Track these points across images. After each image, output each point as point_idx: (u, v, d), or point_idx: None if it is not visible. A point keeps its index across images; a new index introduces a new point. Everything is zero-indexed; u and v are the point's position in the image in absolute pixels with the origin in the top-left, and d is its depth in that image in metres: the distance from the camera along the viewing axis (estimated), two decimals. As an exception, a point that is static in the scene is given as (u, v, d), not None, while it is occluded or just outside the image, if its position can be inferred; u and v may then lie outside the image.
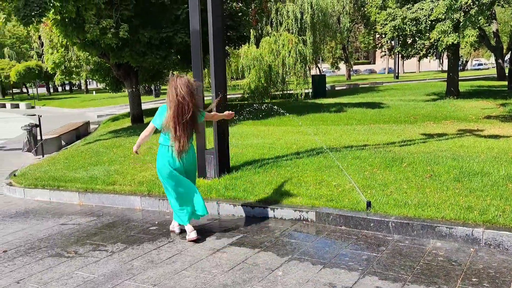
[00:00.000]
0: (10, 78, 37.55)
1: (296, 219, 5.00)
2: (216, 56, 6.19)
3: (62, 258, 4.43)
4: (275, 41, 21.07)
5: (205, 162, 6.38)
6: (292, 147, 8.09)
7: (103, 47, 12.46)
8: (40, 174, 8.12)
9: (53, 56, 16.31)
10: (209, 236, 4.73)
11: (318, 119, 12.94)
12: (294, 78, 22.00)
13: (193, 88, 4.43)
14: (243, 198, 5.50)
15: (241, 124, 12.48)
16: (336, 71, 68.96)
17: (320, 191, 5.41)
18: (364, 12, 45.76)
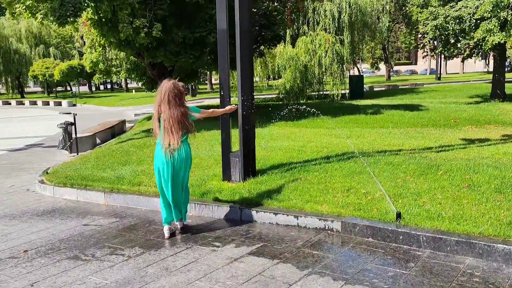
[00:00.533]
0: (54, 76, 38.85)
1: (321, 229, 4.74)
2: (243, 57, 6.00)
3: (79, 261, 4.36)
4: (311, 41, 20.72)
5: (230, 165, 6.20)
6: (322, 150, 7.81)
7: (138, 47, 12.56)
8: (70, 172, 8.19)
9: (91, 55, 16.63)
10: (229, 244, 4.54)
11: (353, 121, 12.55)
12: (330, 78, 21.59)
13: (180, 90, 4.74)
14: (267, 204, 5.28)
15: (272, 125, 12.28)
16: (376, 72, 67.59)
17: (347, 199, 5.12)
18: (405, 11, 44.57)
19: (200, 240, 4.71)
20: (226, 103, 6.13)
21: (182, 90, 4.80)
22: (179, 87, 4.77)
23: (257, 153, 7.74)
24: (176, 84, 4.79)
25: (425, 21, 17.19)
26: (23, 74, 45.75)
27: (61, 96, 45.67)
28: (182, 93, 4.78)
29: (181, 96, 4.75)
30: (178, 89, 4.75)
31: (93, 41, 16.96)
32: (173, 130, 4.67)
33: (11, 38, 44.02)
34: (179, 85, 4.81)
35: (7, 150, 13.31)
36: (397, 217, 4.43)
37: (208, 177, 6.52)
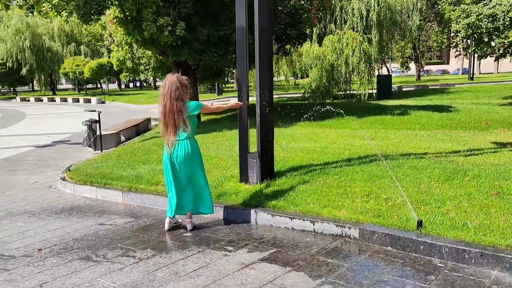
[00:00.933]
0: (84, 74, 39.64)
1: (337, 235, 4.55)
2: (262, 55, 5.85)
3: (90, 262, 4.31)
4: (338, 40, 20.37)
5: (248, 166, 6.07)
6: (344, 152, 7.59)
7: (162, 45, 12.57)
8: (91, 170, 8.23)
9: (118, 53, 16.80)
10: (241, 249, 4.41)
11: (379, 122, 12.23)
12: (357, 78, 21.19)
13: (180, 84, 4.70)
14: (283, 207, 5.13)
15: (296, 125, 12.09)
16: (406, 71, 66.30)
17: (367, 205, 4.91)
18: (437, 9, 43.45)
19: (212, 244, 4.60)
20: (245, 103, 6.00)
21: (185, 84, 4.76)
22: (182, 81, 4.74)
23: (277, 153, 7.60)
24: (180, 78, 4.76)
25: (457, 19, 16.62)
26: (55, 71, 46.89)
27: (90, 94, 46.59)
28: (186, 87, 4.75)
29: (184, 91, 4.72)
30: (181, 82, 4.72)
31: (120, 39, 17.15)
32: (170, 125, 4.71)
33: (44, 36, 45.18)
34: (183, 78, 4.78)
35: (34, 146, 13.56)
36: (418, 225, 4.21)
37: (226, 178, 6.41)
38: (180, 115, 4.69)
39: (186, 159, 4.83)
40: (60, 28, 45.92)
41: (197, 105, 4.88)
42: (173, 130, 4.72)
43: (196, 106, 4.87)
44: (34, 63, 44.50)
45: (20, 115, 26.02)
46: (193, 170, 4.89)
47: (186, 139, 4.80)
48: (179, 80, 4.74)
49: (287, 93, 31.36)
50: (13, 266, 4.32)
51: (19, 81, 48.29)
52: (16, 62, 43.64)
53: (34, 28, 44.30)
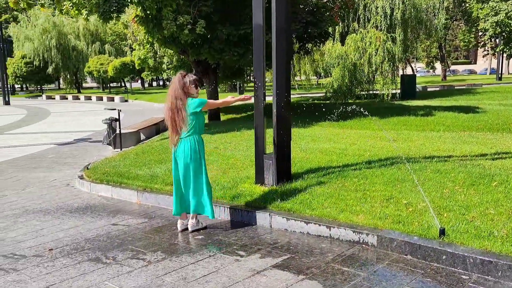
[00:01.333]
0: (108, 73, 40.13)
1: (355, 242, 4.35)
2: (279, 53, 5.69)
3: (99, 264, 4.23)
4: (361, 39, 20.01)
5: (263, 167, 5.91)
6: (364, 154, 7.36)
7: (183, 44, 12.52)
8: (108, 168, 8.20)
9: (139, 52, 16.85)
10: (254, 254, 4.26)
11: (402, 123, 11.90)
12: (380, 77, 20.78)
13: (182, 82, 4.71)
14: (298, 211, 4.95)
15: (316, 125, 11.87)
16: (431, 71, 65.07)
17: (386, 210, 4.69)
18: (465, 8, 42.42)
19: (224, 248, 4.45)
20: (261, 102, 5.84)
21: (184, 82, 4.72)
22: (185, 79, 4.73)
23: (296, 154, 7.42)
24: (183, 76, 4.78)
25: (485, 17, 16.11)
26: (80, 70, 47.62)
27: (114, 92, 47.17)
28: (191, 85, 4.73)
29: (186, 89, 4.71)
30: (184, 81, 4.74)
31: (142, 38, 17.20)
32: (172, 124, 4.76)
33: (70, 36, 45.92)
34: (188, 77, 4.77)
35: (55, 144, 13.69)
36: (440, 233, 3.98)
37: (241, 179, 6.27)
38: (180, 114, 4.69)
39: (186, 157, 4.82)
40: (85, 27, 46.61)
41: (200, 102, 4.79)
42: (175, 129, 4.76)
43: (199, 103, 4.79)
44: (60, 62, 45.27)
45: (45, 113, 26.45)
46: (192, 169, 4.84)
47: (187, 137, 4.80)
48: (183, 78, 4.75)
49: (308, 92, 31.06)
50: (22, 266, 4.27)
51: (45, 79, 49.19)
52: (42, 60, 44.46)
53: (60, 28, 45.07)
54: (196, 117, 4.80)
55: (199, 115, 4.83)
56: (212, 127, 12.52)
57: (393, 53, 19.97)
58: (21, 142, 14.34)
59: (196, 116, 4.80)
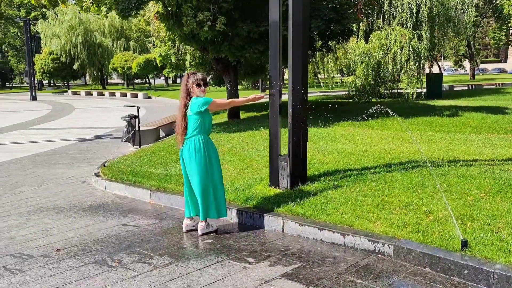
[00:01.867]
0: (132, 69, 40.52)
1: (370, 251, 4.12)
2: (295, 51, 5.47)
3: (104, 267, 4.12)
4: (386, 36, 19.51)
5: (278, 169, 5.72)
6: (385, 156, 7.08)
7: (203, 41, 12.41)
8: (124, 166, 8.15)
9: (160, 49, 16.85)
10: (263, 261, 4.07)
11: (426, 123, 11.51)
12: (405, 76, 20.25)
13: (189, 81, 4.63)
14: (312, 216, 4.74)
15: (337, 125, 11.58)
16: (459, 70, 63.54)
17: (405, 217, 4.44)
18: (496, 5, 41.13)
19: (233, 253, 4.28)
20: (276, 101, 5.65)
21: (187, 81, 4.64)
22: (192, 78, 4.65)
23: (314, 156, 7.20)
24: (185, 77, 4.73)
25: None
26: (105, 66, 48.29)
27: (138, 89, 47.64)
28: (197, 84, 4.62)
29: (192, 88, 4.63)
30: (183, 81, 4.69)
31: (164, 35, 17.18)
32: (178, 124, 4.71)
33: (96, 32, 46.59)
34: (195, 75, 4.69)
35: (76, 140, 13.80)
36: (462, 245, 3.71)
37: (255, 181, 6.09)
38: (183, 113, 4.64)
39: (190, 157, 4.69)
40: (110, 24, 47.20)
41: (204, 102, 4.60)
42: (180, 128, 4.69)
43: (204, 102, 4.60)
44: (85, 58, 46.01)
45: (69, 109, 26.85)
46: (196, 170, 4.70)
47: (192, 137, 4.67)
48: (190, 77, 4.67)
49: (331, 91, 30.64)
50: (28, 267, 4.20)
51: (72, 75, 50.08)
52: (69, 57, 45.26)
53: (87, 24, 45.77)
54: (201, 116, 4.63)
55: (204, 115, 4.67)
56: (231, 126, 12.38)
57: (419, 51, 19.40)
58: (43, 137, 14.51)
59: (201, 116, 4.64)
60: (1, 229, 5.43)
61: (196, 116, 4.61)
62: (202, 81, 4.68)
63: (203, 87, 4.67)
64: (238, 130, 10.98)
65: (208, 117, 4.73)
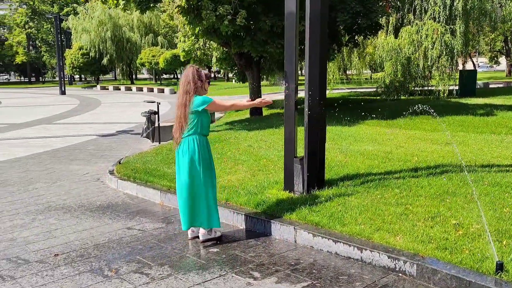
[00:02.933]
0: (159, 64, 40.65)
1: (390, 269, 3.68)
2: (312, 46, 5.04)
3: (99, 277, 3.83)
4: (417, 31, 18.70)
5: (293, 172, 5.31)
6: (411, 159, 6.57)
7: (225, 35, 12.06)
8: (138, 164, 7.90)
9: (184, 44, 16.60)
10: (270, 276, 3.69)
11: (457, 123, 10.85)
12: (436, 73, 19.39)
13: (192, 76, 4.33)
14: (327, 226, 4.33)
15: (362, 123, 11.05)
16: (495, 66, 61.31)
17: (430, 231, 3.97)
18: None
19: (238, 266, 3.92)
20: (292, 98, 5.24)
21: (199, 77, 4.35)
22: (196, 74, 4.35)
23: (334, 157, 6.77)
24: (194, 70, 4.39)
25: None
26: (133, 61, 48.68)
27: (165, 84, 47.83)
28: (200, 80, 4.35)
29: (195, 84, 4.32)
30: (194, 75, 4.35)
31: (187, 29, 16.91)
32: (176, 121, 4.41)
33: (124, 27, 46.98)
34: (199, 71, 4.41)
35: (98, 135, 13.72)
36: (497, 268, 3.23)
37: (269, 184, 5.70)
38: (184, 110, 4.30)
39: (185, 159, 4.37)
40: (139, 19, 47.50)
41: (203, 101, 4.32)
42: (178, 126, 4.38)
43: (202, 101, 4.31)
44: (114, 53, 46.48)
45: (96, 103, 27.05)
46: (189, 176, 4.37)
47: (188, 137, 4.37)
48: (193, 72, 4.36)
49: (360, 87, 29.88)
50: (21, 274, 3.95)
51: (101, 70, 50.73)
52: (98, 52, 45.82)
53: (116, 20, 46.19)
54: (197, 116, 4.33)
55: (202, 114, 4.35)
56: (252, 123, 12.03)
57: (452, 46, 18.51)
58: (66, 132, 14.52)
59: (198, 115, 4.33)
60: (5, 229, 5.25)
61: (192, 116, 4.31)
62: (208, 78, 4.48)
63: (204, 83, 4.44)
64: (258, 128, 10.60)
65: (206, 117, 4.42)
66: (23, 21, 68.62)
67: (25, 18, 68.50)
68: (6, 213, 5.91)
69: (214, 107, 4.45)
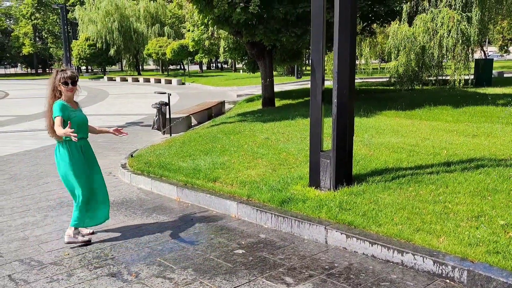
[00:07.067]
0: (166, 55, 40.24)
1: (436, 274, 3.37)
2: (342, 32, 4.69)
3: (118, 281, 3.55)
4: (432, 19, 18.19)
5: (319, 167, 4.99)
6: (440, 153, 6.22)
7: (236, 24, 11.69)
8: (152, 158, 7.62)
9: (193, 33, 16.24)
10: (304, 282, 3.39)
11: (479, 113, 10.46)
12: (452, 62, 18.89)
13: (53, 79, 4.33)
14: (361, 226, 4.02)
15: (380, 114, 10.68)
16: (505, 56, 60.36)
17: (477, 232, 3.65)
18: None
19: (268, 270, 3.62)
20: (319, 88, 4.91)
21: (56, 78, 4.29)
22: (55, 75, 4.32)
23: (358, 150, 6.44)
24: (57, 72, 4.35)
25: None
26: (140, 52, 48.30)
27: (172, 75, 47.49)
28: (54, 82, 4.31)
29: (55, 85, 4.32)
30: (54, 77, 4.32)
31: (197, 19, 16.55)
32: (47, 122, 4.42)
33: (131, 18, 46.53)
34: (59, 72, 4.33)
35: (107, 127, 13.44)
36: (560, 275, 2.92)
37: (293, 180, 5.38)
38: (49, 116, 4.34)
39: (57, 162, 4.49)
40: (145, 9, 47.03)
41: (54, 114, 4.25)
42: (50, 128, 4.40)
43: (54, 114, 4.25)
44: (121, 44, 46.08)
45: (104, 95, 26.79)
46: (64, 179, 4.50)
47: (58, 144, 4.46)
48: (58, 74, 4.32)
49: (370, 77, 29.38)
50: (34, 278, 3.69)
51: (108, 61, 50.37)
52: (105, 43, 45.46)
53: (122, 10, 45.75)
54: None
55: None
56: (265, 114, 11.68)
57: (468, 34, 18.00)
58: (74, 124, 14.24)
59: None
60: (17, 227, 5.00)
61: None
62: (70, 79, 4.31)
63: (70, 86, 4.31)
64: (273, 120, 10.27)
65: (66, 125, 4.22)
66: (30, 12, 68.39)
67: (31, 9, 68.25)
68: (16, 210, 5.67)
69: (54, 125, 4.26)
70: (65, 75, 4.31)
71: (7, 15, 75.68)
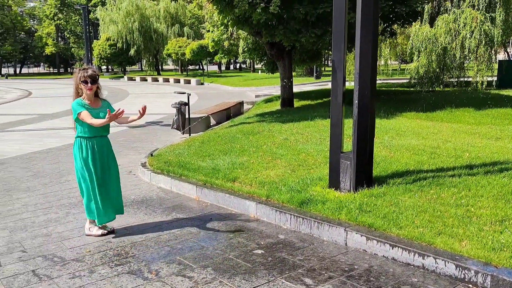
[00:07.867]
0: (186, 55, 40.52)
1: (458, 279, 3.32)
2: (364, 28, 4.66)
3: (139, 279, 3.60)
4: (454, 20, 17.91)
5: (339, 168, 4.97)
6: (462, 155, 6.12)
7: (256, 24, 11.71)
8: (171, 157, 7.69)
9: (213, 34, 16.31)
10: (324, 284, 3.38)
11: (503, 116, 10.26)
12: (474, 63, 18.57)
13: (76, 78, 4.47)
14: (382, 228, 3.98)
15: (400, 116, 10.56)
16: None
17: (500, 237, 3.59)
18: None
19: (287, 271, 3.62)
20: (340, 89, 4.88)
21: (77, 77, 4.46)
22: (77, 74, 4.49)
23: (378, 152, 6.39)
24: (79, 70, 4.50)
25: None
26: (160, 52, 48.74)
27: (191, 75, 47.79)
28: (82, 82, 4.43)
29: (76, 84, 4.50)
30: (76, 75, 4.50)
31: (216, 19, 16.63)
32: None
33: (151, 18, 46.99)
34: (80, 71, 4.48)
35: (127, 126, 13.60)
36: None
37: (312, 181, 5.37)
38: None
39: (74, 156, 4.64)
40: (165, 10, 47.44)
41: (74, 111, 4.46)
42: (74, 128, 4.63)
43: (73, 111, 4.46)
44: (141, 44, 46.57)
45: (124, 94, 27.12)
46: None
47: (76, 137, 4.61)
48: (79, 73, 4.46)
49: (390, 78, 29.10)
50: (57, 274, 3.76)
51: (128, 61, 50.96)
52: (125, 43, 46.00)
53: (142, 10, 46.24)
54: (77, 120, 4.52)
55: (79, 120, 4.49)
56: (284, 115, 11.67)
57: (492, 35, 17.67)
58: (95, 123, 14.45)
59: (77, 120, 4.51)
60: (40, 224, 5.10)
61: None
62: (90, 78, 4.41)
63: (90, 85, 4.42)
64: (292, 120, 10.25)
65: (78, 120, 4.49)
66: (52, 12, 69.67)
67: (54, 9, 69.51)
68: (40, 206, 5.78)
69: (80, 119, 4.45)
70: (85, 74, 4.42)
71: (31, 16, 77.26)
